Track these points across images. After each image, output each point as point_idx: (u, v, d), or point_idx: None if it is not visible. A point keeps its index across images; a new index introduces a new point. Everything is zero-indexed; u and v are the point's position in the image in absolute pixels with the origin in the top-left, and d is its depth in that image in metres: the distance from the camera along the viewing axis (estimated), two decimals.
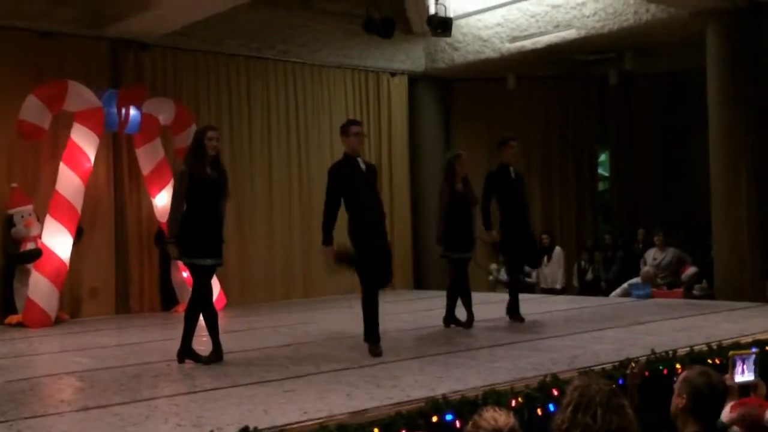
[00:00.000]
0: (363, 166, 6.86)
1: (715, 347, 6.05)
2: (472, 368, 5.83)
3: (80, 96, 9.86)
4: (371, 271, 6.67)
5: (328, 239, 6.67)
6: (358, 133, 6.88)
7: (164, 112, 10.55)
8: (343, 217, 6.81)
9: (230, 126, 11.86)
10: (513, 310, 8.52)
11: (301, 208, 12.55)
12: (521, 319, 8.46)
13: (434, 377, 5.53)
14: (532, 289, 12.97)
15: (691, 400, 3.36)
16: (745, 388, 4.04)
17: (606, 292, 12.61)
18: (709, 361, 5.68)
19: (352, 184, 6.71)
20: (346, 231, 6.75)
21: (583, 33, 11.78)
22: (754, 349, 5.89)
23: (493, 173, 8.49)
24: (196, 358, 6.47)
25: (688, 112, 14.06)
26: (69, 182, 9.73)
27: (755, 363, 4.14)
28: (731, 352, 4.23)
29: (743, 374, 4.13)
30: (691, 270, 12.02)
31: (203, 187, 6.41)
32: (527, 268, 13.37)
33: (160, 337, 8.32)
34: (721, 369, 5.25)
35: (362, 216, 6.70)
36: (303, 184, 12.62)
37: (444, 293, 8.52)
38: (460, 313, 8.20)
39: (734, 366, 4.06)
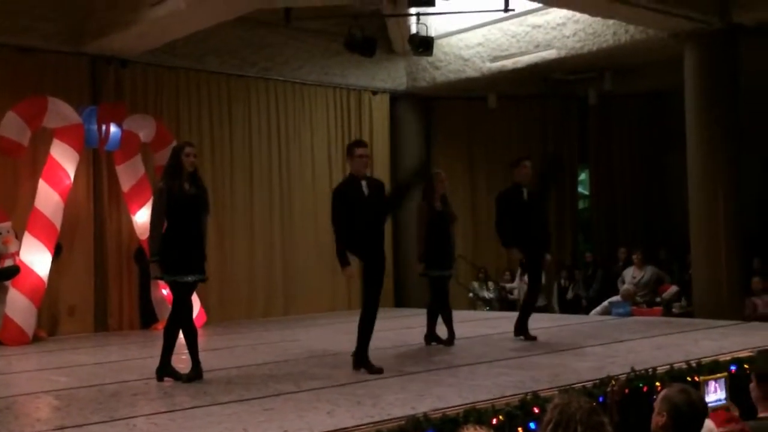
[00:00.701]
0: (366, 189, 6.82)
1: (694, 365, 6.08)
2: (453, 386, 5.82)
3: (60, 112, 9.82)
4: (377, 287, 6.74)
5: (344, 261, 6.70)
6: (362, 155, 6.86)
7: (145, 129, 10.52)
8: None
9: (211, 143, 11.85)
10: (522, 328, 8.41)
11: (282, 226, 12.54)
12: (533, 337, 8.33)
13: (415, 395, 5.51)
14: (513, 306, 12.99)
15: (671, 418, 3.37)
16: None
17: (586, 310, 12.66)
18: (689, 378, 5.71)
19: (352, 206, 6.71)
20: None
21: (563, 53, 11.89)
22: (733, 367, 5.94)
23: (505, 193, 8.38)
24: (176, 376, 6.42)
25: (666, 131, 14.21)
26: (48, 199, 9.66)
27: (726, 386, 4.17)
28: (701, 377, 4.25)
29: (715, 396, 4.16)
30: (672, 289, 12.10)
31: (182, 204, 6.38)
32: (508, 286, 13.43)
33: (139, 355, 8.25)
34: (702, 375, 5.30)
35: (358, 238, 6.71)
36: (284, 201, 12.60)
37: (425, 311, 8.51)
38: (441, 330, 8.19)
39: (706, 389, 4.09)
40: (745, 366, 5.99)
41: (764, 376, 3.83)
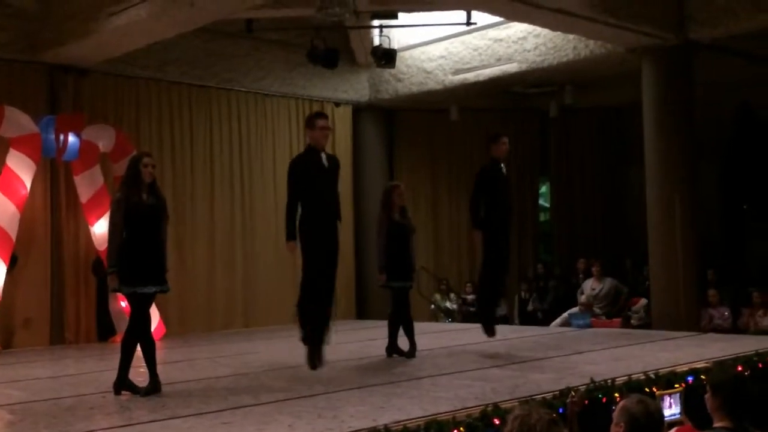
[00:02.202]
0: (325, 161, 6.73)
1: (652, 376, 6.14)
2: (414, 398, 5.81)
3: (17, 121, 9.67)
4: (314, 267, 6.61)
5: (290, 234, 6.60)
6: (324, 126, 6.77)
7: (104, 139, 10.40)
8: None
9: (172, 154, 11.75)
10: (488, 321, 8.20)
11: (243, 237, 12.47)
12: (493, 333, 8.19)
13: (376, 407, 5.49)
14: (475, 318, 13.03)
15: (629, 428, 3.40)
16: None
17: (543, 322, 12.73)
18: (647, 389, 5.77)
19: (309, 178, 6.61)
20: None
21: (524, 67, 12.01)
22: (690, 378, 6.02)
23: (485, 169, 8.22)
24: (134, 389, 6.33)
25: (625, 144, 14.42)
26: (4, 209, 9.50)
27: (681, 400, 4.23)
28: (658, 392, 4.30)
29: (670, 411, 4.21)
30: (642, 302, 12.13)
31: (140, 214, 6.32)
32: (469, 297, 13.47)
33: (96, 368, 8.11)
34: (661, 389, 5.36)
35: (315, 212, 6.63)
36: (245, 212, 12.53)
37: (386, 323, 8.50)
38: (403, 342, 8.19)
39: (661, 404, 4.14)
40: (702, 377, 6.07)
41: (719, 387, 3.88)
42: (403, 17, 11.70)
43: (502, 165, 8.25)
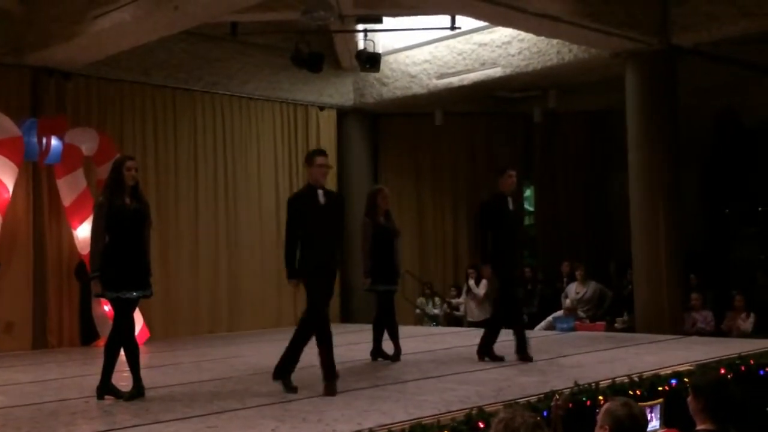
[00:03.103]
0: (323, 198, 6.66)
1: (636, 379, 6.17)
2: (399, 402, 5.81)
3: None
4: (318, 306, 6.53)
5: (291, 273, 6.53)
6: (322, 164, 6.69)
7: (87, 142, 10.34)
8: None
9: (156, 157, 11.70)
10: (486, 349, 8.01)
11: (227, 241, 12.43)
12: (528, 358, 7.84)
13: (360, 411, 5.49)
14: (459, 322, 13.05)
15: (613, 431, 3.41)
16: None
17: (529, 326, 12.72)
18: (631, 392, 5.80)
19: (307, 217, 6.56)
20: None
21: (508, 71, 12.04)
22: (674, 381, 6.04)
23: (488, 203, 8.05)
24: (117, 394, 6.30)
25: (609, 148, 14.47)
26: None
27: (661, 412, 4.25)
28: (639, 404, 4.31)
29: (650, 423, 4.22)
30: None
31: (123, 218, 6.29)
32: (454, 301, 13.48)
33: (78, 372, 8.06)
34: (642, 400, 5.38)
35: (312, 252, 6.52)
36: (230, 216, 12.50)
37: (371, 327, 8.50)
38: (388, 346, 8.19)
39: None
40: (686, 380, 6.10)
41: (700, 390, 3.90)
42: (388, 21, 11.72)
43: (509, 198, 8.04)
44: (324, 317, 6.59)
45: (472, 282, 13.02)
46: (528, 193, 16.04)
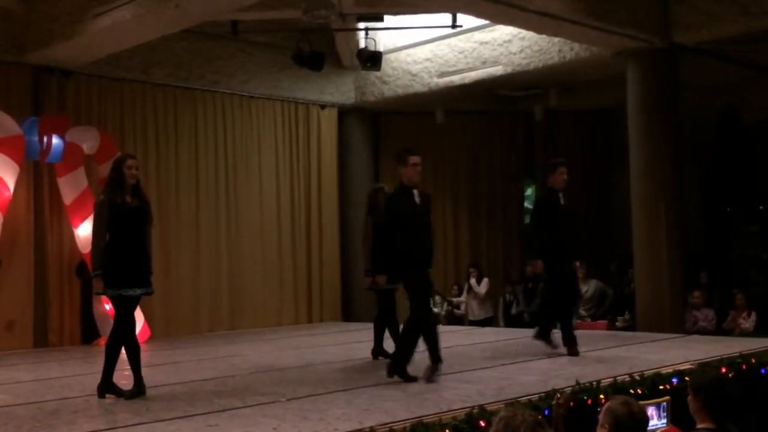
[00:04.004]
0: (418, 198, 6.74)
1: (637, 377, 6.17)
2: (400, 400, 5.81)
3: (0, 123, 9.59)
4: (425, 301, 6.74)
5: (396, 272, 6.79)
6: (417, 163, 6.77)
7: (88, 141, 10.34)
8: None
9: (156, 156, 11.70)
10: (570, 341, 8.05)
11: (228, 239, 12.42)
12: (576, 352, 7.95)
13: (362, 410, 5.49)
14: (460, 321, 13.05)
15: (613, 429, 3.41)
16: None
17: (530, 325, 12.72)
18: (632, 391, 5.79)
19: (406, 217, 6.64)
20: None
21: (509, 69, 12.03)
22: (675, 380, 6.03)
23: (543, 199, 8.16)
24: (118, 392, 6.30)
25: (610, 147, 14.47)
26: None
27: (667, 410, 4.23)
28: (641, 402, 4.30)
29: (656, 421, 4.21)
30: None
31: (124, 216, 6.30)
32: (455, 300, 13.48)
33: (80, 371, 8.07)
34: (643, 399, 5.37)
35: (414, 250, 6.64)
36: (231, 215, 12.49)
37: (372, 325, 8.50)
38: (389, 344, 8.18)
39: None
40: (686, 378, 6.09)
41: (699, 389, 3.90)
42: (389, 20, 11.70)
43: (561, 194, 8.10)
44: (429, 309, 6.89)
45: (473, 281, 13.04)
46: (529, 191, 16.03)
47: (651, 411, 4.80)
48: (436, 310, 13.28)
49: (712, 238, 13.77)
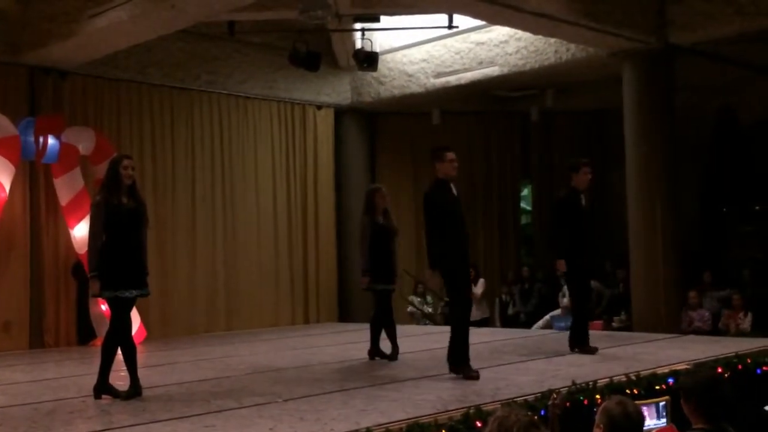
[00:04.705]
0: (455, 191, 6.96)
1: (634, 378, 6.18)
2: (397, 401, 5.81)
3: None
4: (467, 292, 6.91)
5: (436, 263, 6.77)
6: (453, 159, 7.02)
7: (84, 142, 10.33)
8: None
9: (153, 156, 11.69)
10: (581, 341, 8.18)
11: (224, 240, 12.42)
12: (593, 350, 8.05)
13: (358, 410, 5.49)
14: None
15: (608, 429, 3.41)
16: None
17: (526, 325, 12.75)
18: (628, 391, 5.80)
19: (446, 210, 6.81)
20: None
21: (505, 70, 12.05)
22: (671, 380, 6.03)
23: (564, 200, 8.18)
24: (114, 393, 6.29)
25: (606, 148, 14.48)
26: None
27: (666, 409, 4.23)
28: (639, 402, 4.29)
29: (655, 421, 4.21)
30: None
31: (120, 217, 6.28)
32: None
33: (76, 372, 8.06)
34: (640, 399, 5.38)
35: (456, 243, 6.78)
36: (227, 215, 12.49)
37: (368, 326, 8.49)
38: (385, 345, 8.19)
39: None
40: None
41: (689, 391, 3.90)
42: (385, 20, 11.71)
43: (582, 195, 8.12)
44: (470, 300, 7.06)
45: None
46: (525, 191, 16.06)
47: (647, 411, 4.80)
48: (429, 309, 13.31)
49: (708, 239, 13.80)
